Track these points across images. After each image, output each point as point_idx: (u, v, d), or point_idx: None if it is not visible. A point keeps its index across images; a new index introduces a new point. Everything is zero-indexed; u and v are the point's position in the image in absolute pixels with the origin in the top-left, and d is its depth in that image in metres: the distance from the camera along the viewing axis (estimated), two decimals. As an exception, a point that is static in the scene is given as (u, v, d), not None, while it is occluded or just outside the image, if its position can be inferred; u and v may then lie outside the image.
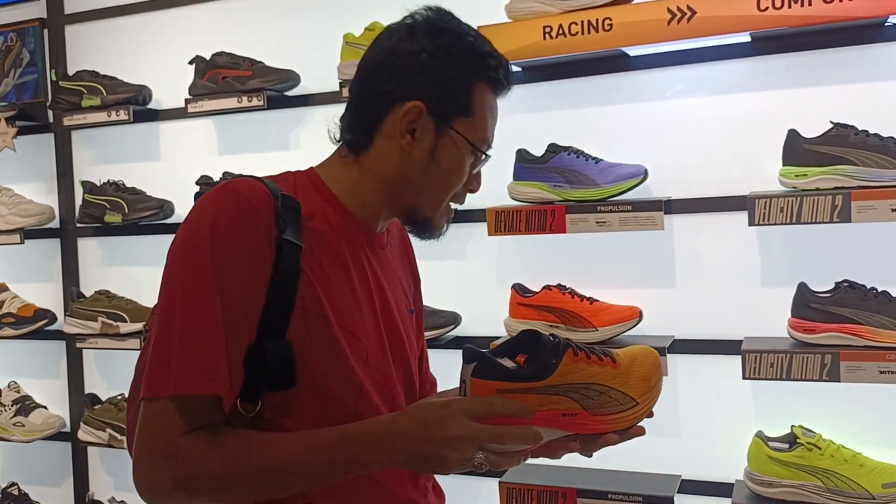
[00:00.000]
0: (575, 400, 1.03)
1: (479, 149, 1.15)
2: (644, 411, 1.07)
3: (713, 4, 1.87)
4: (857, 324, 1.82)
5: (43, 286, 2.93)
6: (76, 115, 2.67)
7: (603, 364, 1.05)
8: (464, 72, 1.12)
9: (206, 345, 0.99)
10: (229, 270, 1.01)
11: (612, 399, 1.04)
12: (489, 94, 1.15)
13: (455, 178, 1.15)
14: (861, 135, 1.82)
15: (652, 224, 1.95)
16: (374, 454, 1.01)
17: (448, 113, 1.12)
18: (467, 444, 0.96)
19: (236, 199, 1.04)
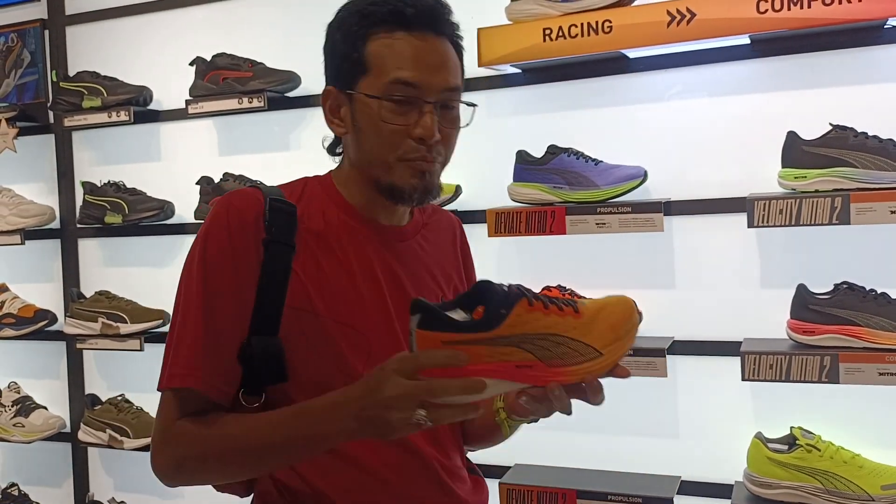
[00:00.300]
0: (529, 351, 0.97)
1: (384, 98, 1.10)
2: (609, 362, 1.00)
3: (713, 7, 1.88)
4: (856, 325, 1.82)
5: (43, 287, 2.94)
6: (77, 116, 2.67)
7: (563, 314, 0.99)
8: (348, 35, 1.12)
9: (189, 344, 1.10)
10: (216, 275, 1.10)
11: (572, 350, 0.99)
12: (389, 38, 1.10)
13: (381, 136, 1.11)
14: (860, 137, 1.83)
15: (651, 225, 1.96)
16: (330, 426, 1.01)
17: (348, 80, 1.13)
18: (404, 403, 0.93)
19: (227, 209, 1.13)
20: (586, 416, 2.19)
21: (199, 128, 2.68)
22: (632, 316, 1.02)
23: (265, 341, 1.10)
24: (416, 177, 1.13)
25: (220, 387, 1.10)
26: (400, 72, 1.09)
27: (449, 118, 1.14)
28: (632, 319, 1.02)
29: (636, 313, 1.03)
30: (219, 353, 1.10)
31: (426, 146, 1.11)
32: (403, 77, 1.09)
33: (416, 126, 1.10)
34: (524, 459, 2.25)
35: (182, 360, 1.09)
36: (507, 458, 2.25)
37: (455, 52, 1.17)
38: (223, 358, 1.10)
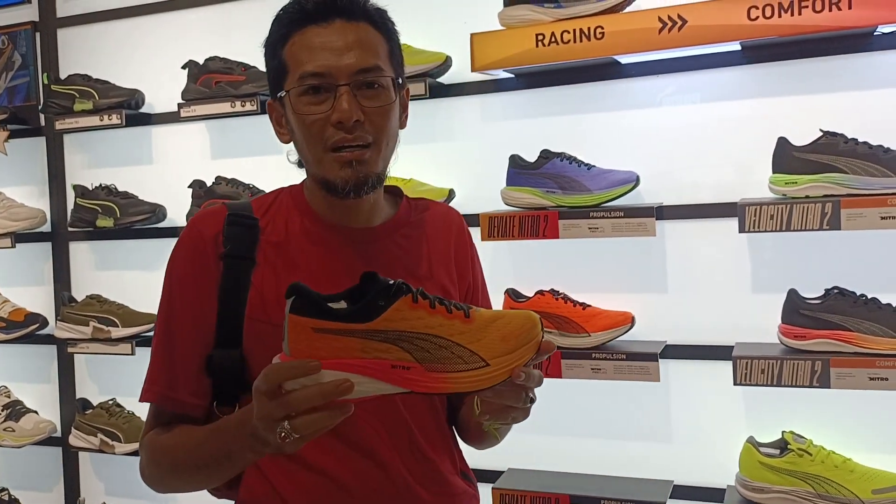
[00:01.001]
0: (407, 350, 0.90)
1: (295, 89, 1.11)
2: (495, 375, 0.92)
3: (704, 14, 1.89)
4: (847, 330, 1.83)
5: (34, 290, 2.92)
6: (68, 119, 2.66)
7: (451, 317, 0.93)
8: (270, 44, 1.16)
9: (153, 361, 1.19)
10: (177, 294, 1.18)
11: (454, 355, 0.91)
12: (300, 36, 1.12)
13: (306, 130, 1.12)
14: (850, 143, 1.84)
15: (644, 230, 1.97)
16: (238, 443, 1.01)
17: (276, 87, 1.16)
18: (268, 424, 0.90)
19: (190, 229, 1.20)
20: (579, 421, 2.22)
21: (191, 131, 2.67)
22: (530, 330, 0.94)
23: (226, 354, 1.14)
24: (346, 167, 1.11)
25: (184, 399, 1.16)
26: (307, 64, 1.10)
27: (370, 97, 1.11)
28: (528, 333, 0.94)
29: (538, 328, 0.95)
30: (178, 369, 1.16)
31: (345, 129, 1.09)
32: (310, 69, 1.10)
33: (333, 111, 1.09)
34: (517, 464, 2.25)
35: (147, 375, 1.19)
36: (501, 462, 2.25)
37: (377, 32, 1.14)
38: (184, 372, 1.16)
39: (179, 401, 1.16)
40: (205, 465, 1.10)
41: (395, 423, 1.17)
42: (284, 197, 1.24)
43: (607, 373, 2.00)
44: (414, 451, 1.18)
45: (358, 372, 0.89)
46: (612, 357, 1.99)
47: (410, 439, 1.18)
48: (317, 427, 0.89)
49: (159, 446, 1.16)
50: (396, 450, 1.16)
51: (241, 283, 1.14)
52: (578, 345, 2.04)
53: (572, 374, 2.02)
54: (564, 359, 2.03)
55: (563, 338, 2.06)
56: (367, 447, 1.14)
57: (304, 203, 1.22)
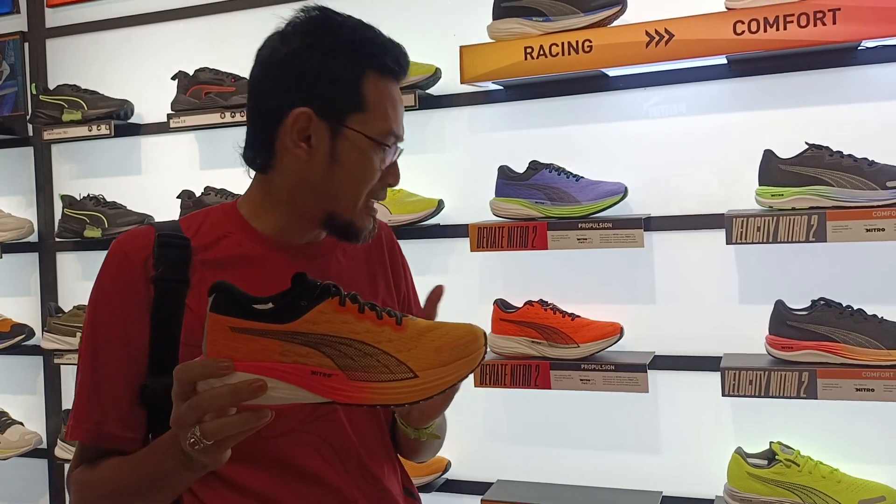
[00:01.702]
0: (328, 356, 0.85)
1: (380, 142, 1.09)
2: (425, 390, 0.86)
3: (690, 28, 1.91)
4: (834, 342, 1.84)
5: (21, 301, 2.90)
6: (56, 129, 2.65)
7: (380, 323, 0.87)
8: (346, 65, 1.07)
9: (79, 395, 1.10)
10: (103, 322, 1.09)
11: (380, 364, 0.86)
12: (383, 83, 1.09)
13: (364, 177, 1.10)
14: (836, 156, 1.86)
15: (632, 241, 1.98)
16: (171, 462, 0.93)
17: (339, 112, 1.07)
18: (182, 429, 0.85)
19: (115, 253, 1.12)
20: (568, 432, 2.22)
21: (180, 142, 2.67)
22: (469, 343, 0.89)
23: (161, 382, 1.02)
24: (372, 220, 1.14)
25: (116, 433, 1.07)
26: (394, 124, 1.11)
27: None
28: (467, 347, 0.89)
29: (479, 342, 0.89)
30: (108, 401, 1.07)
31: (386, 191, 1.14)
32: (396, 131, 1.11)
33: (390, 174, 1.12)
34: (506, 476, 2.25)
35: (74, 411, 1.09)
36: (489, 474, 2.25)
37: None
38: (115, 405, 1.07)
39: (111, 435, 1.07)
40: (139, 492, 1.01)
41: (344, 446, 1.13)
42: (216, 216, 1.16)
43: (596, 384, 2.00)
44: (364, 472, 1.15)
45: (275, 376, 0.83)
46: (600, 368, 2.00)
47: (359, 461, 1.15)
48: (227, 431, 0.83)
49: (89, 481, 1.07)
50: (348, 473, 1.13)
51: (174, 306, 1.07)
52: (567, 356, 2.04)
53: (561, 385, 2.03)
54: (553, 370, 2.03)
55: (552, 349, 2.06)
56: (317, 473, 1.11)
57: (245, 224, 1.14)
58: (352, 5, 2.37)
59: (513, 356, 2.10)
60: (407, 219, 2.22)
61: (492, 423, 2.28)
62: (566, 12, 2.04)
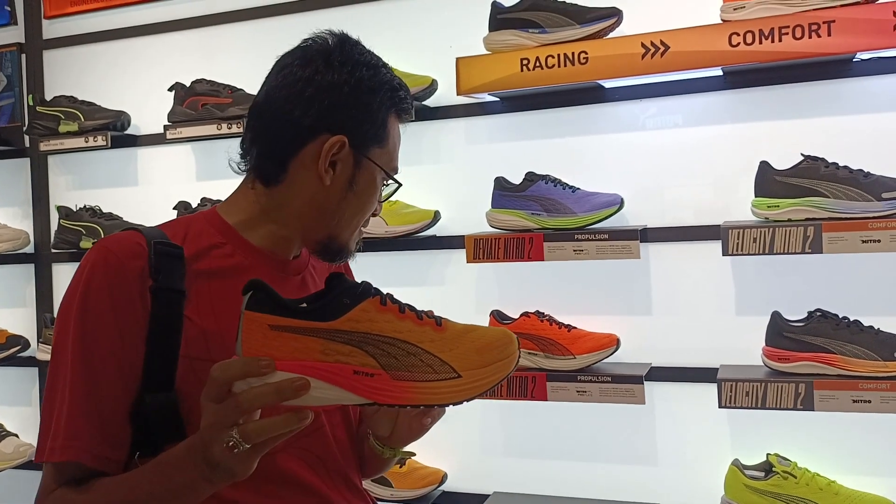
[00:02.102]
0: (372, 355, 0.83)
1: (392, 178, 1.17)
2: (468, 390, 0.85)
3: (686, 40, 1.91)
4: (830, 353, 1.84)
5: (16, 312, 2.89)
6: (53, 141, 2.65)
7: (421, 323, 0.86)
8: (381, 104, 1.13)
9: (67, 413, 1.00)
10: (95, 333, 1.01)
11: (424, 363, 0.84)
12: (397, 124, 1.17)
13: (369, 206, 1.16)
14: (831, 167, 1.86)
15: (628, 252, 1.98)
16: (187, 473, 0.90)
17: (367, 145, 1.12)
18: (217, 431, 0.82)
19: (105, 259, 1.04)
20: (564, 444, 2.21)
21: (177, 153, 2.67)
22: (507, 345, 0.89)
23: (160, 398, 1.01)
24: (357, 245, 1.19)
25: (105, 454, 1.01)
26: (397, 161, 1.18)
27: None
28: (505, 349, 0.88)
29: (514, 346, 0.90)
30: (101, 420, 1.00)
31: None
32: (397, 167, 1.18)
33: (379, 205, 1.19)
34: (503, 488, 2.24)
35: (61, 430, 1.00)
36: (486, 486, 2.24)
37: None
38: (107, 424, 1.01)
39: (105, 458, 1.00)
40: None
41: (330, 458, 1.14)
42: (199, 224, 1.13)
43: (593, 395, 2.00)
44: (348, 483, 1.16)
45: (316, 376, 0.82)
46: (597, 379, 1.99)
47: (343, 472, 1.15)
48: (269, 434, 0.81)
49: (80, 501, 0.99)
50: (335, 484, 1.13)
51: (173, 318, 1.02)
52: (564, 367, 2.04)
53: (557, 396, 2.02)
54: (550, 381, 2.02)
55: (549, 360, 2.06)
56: (309, 485, 1.10)
57: (228, 229, 1.13)
58: (350, 17, 2.40)
59: (509, 368, 2.09)
60: (403, 230, 2.22)
61: (488, 434, 2.28)
62: (562, 24, 2.04)
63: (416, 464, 2.22)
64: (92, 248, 1.07)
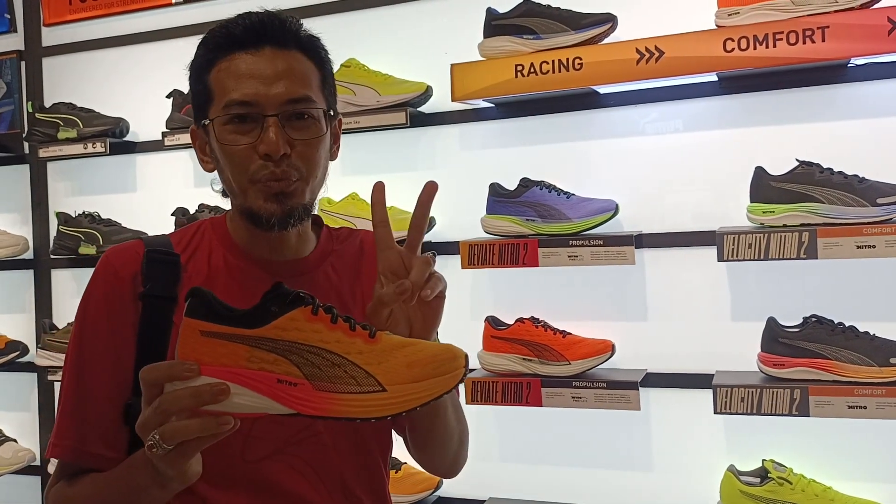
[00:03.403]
0: (296, 364, 0.82)
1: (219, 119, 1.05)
2: (393, 405, 0.83)
3: (680, 45, 1.91)
4: (826, 359, 1.84)
5: (15, 317, 2.90)
6: (52, 147, 2.66)
7: (352, 335, 0.85)
8: (195, 69, 1.10)
9: (62, 412, 1.08)
10: (90, 338, 1.08)
11: (347, 375, 0.83)
12: (227, 63, 1.06)
13: (230, 160, 1.06)
14: (826, 172, 1.86)
15: (623, 258, 1.97)
16: (139, 475, 0.92)
17: (200, 114, 1.09)
18: (143, 432, 0.84)
19: (104, 268, 1.11)
20: (560, 450, 2.21)
21: (175, 159, 2.68)
22: (446, 362, 0.84)
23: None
24: (272, 200, 1.05)
25: (98, 453, 1.05)
26: (234, 92, 1.04)
27: (299, 129, 1.06)
28: (443, 365, 0.84)
29: (458, 362, 0.85)
30: (92, 419, 1.06)
31: (273, 162, 1.04)
32: (236, 97, 1.04)
33: (260, 143, 1.04)
34: (498, 493, 2.23)
35: (56, 429, 1.08)
36: (481, 492, 2.24)
37: (309, 60, 1.09)
38: (98, 424, 1.06)
39: (93, 454, 1.06)
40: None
41: (326, 468, 1.12)
42: (206, 230, 1.16)
43: (588, 401, 1.99)
44: (347, 494, 1.14)
45: (240, 382, 0.81)
46: (592, 385, 1.99)
47: (342, 483, 1.13)
48: (185, 435, 0.81)
49: (66, 497, 1.07)
50: (331, 495, 1.12)
51: (162, 324, 1.06)
52: (559, 373, 2.04)
53: (553, 402, 2.02)
54: (545, 387, 2.02)
55: (544, 366, 2.05)
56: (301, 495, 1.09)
57: (226, 236, 1.14)
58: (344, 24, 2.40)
59: (504, 373, 2.09)
60: (398, 236, 2.19)
61: (483, 440, 2.27)
62: (557, 30, 2.05)
63: (412, 469, 2.22)
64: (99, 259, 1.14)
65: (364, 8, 2.38)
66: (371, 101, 2.22)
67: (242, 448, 1.06)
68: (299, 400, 0.82)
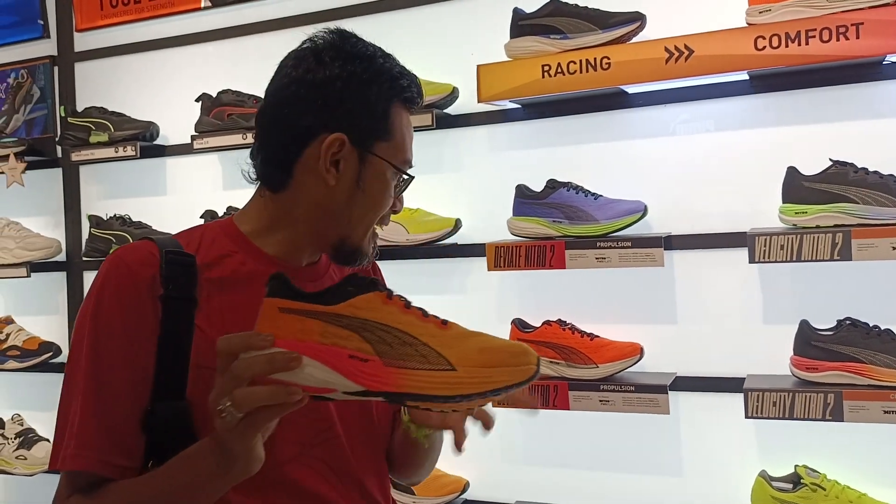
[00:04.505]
0: (368, 341, 0.84)
1: (402, 171, 1.12)
2: (463, 385, 0.82)
3: (710, 44, 1.89)
4: (860, 362, 1.80)
5: (48, 319, 2.95)
6: (84, 151, 2.70)
7: (425, 320, 0.86)
8: (380, 96, 1.09)
9: (80, 421, 1.01)
10: (106, 342, 1.02)
11: (418, 353, 0.83)
12: (404, 114, 1.13)
13: (382, 204, 1.12)
14: (860, 172, 1.82)
15: (652, 260, 1.95)
16: (208, 463, 0.91)
17: (370, 140, 1.09)
18: (216, 400, 0.84)
19: (118, 268, 1.05)
20: (587, 453, 2.19)
21: (204, 162, 2.70)
22: (518, 354, 0.84)
23: (171, 406, 1.01)
24: (372, 246, 1.15)
25: (117, 462, 1.01)
26: (409, 153, 1.14)
27: None
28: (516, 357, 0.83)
29: (529, 356, 0.84)
30: (112, 429, 1.01)
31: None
32: (410, 159, 1.14)
33: (398, 201, 1.15)
34: (525, 497, 2.22)
35: (74, 438, 1.00)
36: (508, 495, 2.22)
37: None
38: (117, 433, 1.01)
39: (116, 465, 1.01)
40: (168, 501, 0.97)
41: (345, 468, 1.13)
42: (214, 234, 1.13)
43: (616, 405, 1.97)
44: (364, 493, 1.15)
45: (312, 355, 0.83)
46: (620, 389, 1.97)
47: (360, 483, 1.15)
48: (256, 401, 0.81)
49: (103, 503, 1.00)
50: (350, 495, 1.13)
51: (184, 327, 1.03)
52: (586, 376, 2.02)
53: (580, 406, 2.00)
54: (572, 390, 2.00)
55: (571, 369, 2.03)
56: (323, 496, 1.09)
57: (246, 242, 1.13)
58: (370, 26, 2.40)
59: (531, 376, 2.07)
60: (424, 238, 2.22)
61: (510, 443, 2.26)
62: (584, 30, 2.03)
63: (439, 472, 2.21)
64: (106, 259, 1.08)
65: (391, 10, 2.39)
66: (397, 102, 2.22)
67: (268, 449, 1.06)
68: (369, 375, 0.83)
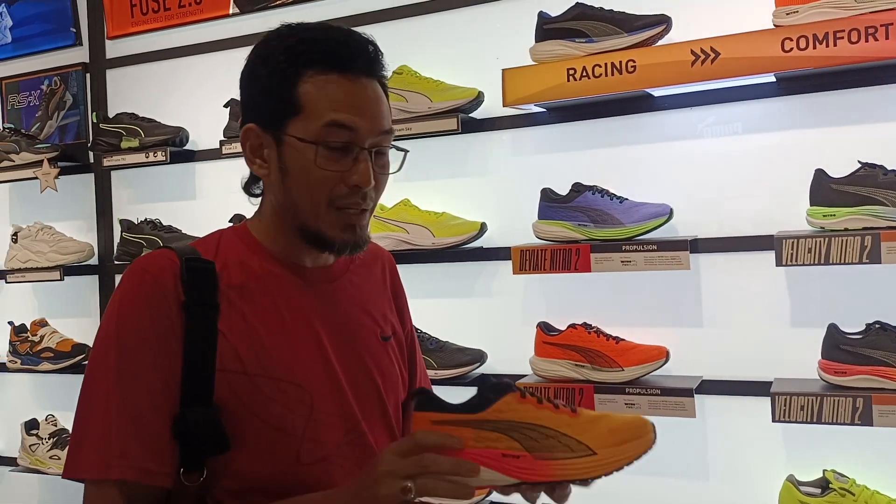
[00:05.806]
0: (516, 440, 0.96)
1: (313, 142, 1.04)
2: (604, 465, 0.96)
3: (737, 46, 1.88)
4: (890, 366, 1.78)
5: (81, 321, 3.01)
6: (115, 156, 2.75)
7: (558, 412, 0.98)
8: (278, 71, 1.06)
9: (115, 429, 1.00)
10: (134, 350, 1.03)
11: (561, 444, 0.96)
12: (325, 79, 1.05)
13: (313, 181, 1.05)
14: (890, 175, 1.80)
15: (678, 263, 1.94)
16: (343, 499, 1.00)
17: (276, 121, 1.06)
18: (393, 478, 0.93)
19: (140, 278, 1.07)
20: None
21: (232, 167, 2.73)
22: (640, 427, 0.97)
23: (200, 412, 1.02)
24: (348, 230, 1.09)
25: (151, 467, 1.01)
26: (336, 114, 1.04)
27: (381, 163, 1.10)
28: (639, 430, 0.97)
29: (649, 427, 0.97)
30: (144, 435, 1.01)
31: (359, 194, 1.07)
32: (340, 119, 1.04)
33: (353, 173, 1.06)
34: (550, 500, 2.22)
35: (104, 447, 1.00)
36: (534, 497, 2.22)
37: (385, 94, 1.12)
38: (150, 439, 1.01)
39: (148, 471, 1.01)
40: None
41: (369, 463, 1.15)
42: (230, 239, 1.15)
43: (641, 408, 1.97)
44: None
45: (470, 459, 0.95)
46: (646, 392, 1.97)
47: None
48: (439, 492, 0.93)
49: None
50: None
51: (208, 332, 1.04)
52: (612, 379, 2.02)
53: (605, 408, 2.00)
54: (597, 393, 2.00)
55: (597, 372, 2.04)
56: None
57: (256, 244, 1.13)
58: (395, 31, 2.42)
59: (556, 379, 2.08)
60: (450, 242, 2.23)
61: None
62: (609, 33, 2.03)
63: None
64: (127, 269, 1.10)
65: (415, 15, 2.40)
66: (423, 107, 2.24)
67: (298, 451, 1.08)
68: (523, 469, 0.95)
